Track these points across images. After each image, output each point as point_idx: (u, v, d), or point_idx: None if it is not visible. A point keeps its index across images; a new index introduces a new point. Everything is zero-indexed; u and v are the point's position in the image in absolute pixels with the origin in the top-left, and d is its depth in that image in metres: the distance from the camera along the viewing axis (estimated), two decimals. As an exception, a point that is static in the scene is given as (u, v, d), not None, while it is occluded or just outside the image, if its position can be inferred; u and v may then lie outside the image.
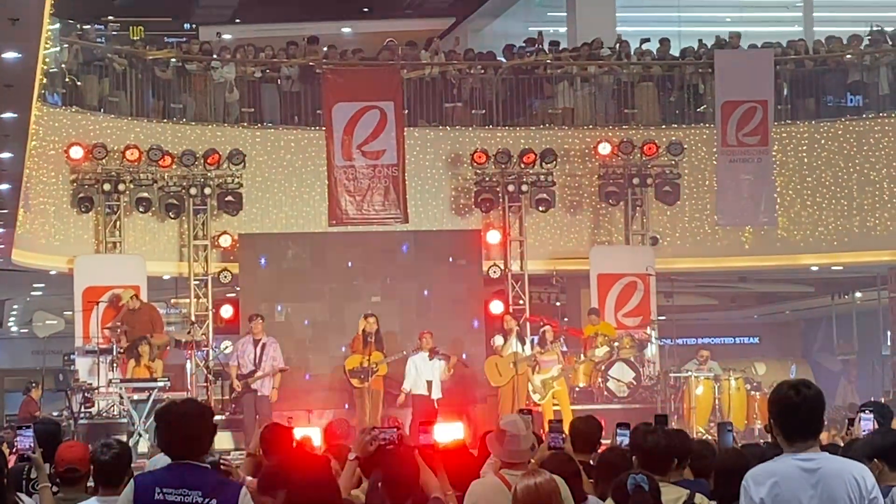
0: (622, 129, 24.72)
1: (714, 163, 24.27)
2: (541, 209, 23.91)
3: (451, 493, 7.52)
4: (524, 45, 26.34)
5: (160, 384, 20.01)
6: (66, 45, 23.32)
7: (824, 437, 15.41)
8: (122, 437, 17.59)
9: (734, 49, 25.40)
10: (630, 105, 25.19)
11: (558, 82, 25.32)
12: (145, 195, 22.89)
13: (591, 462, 8.64)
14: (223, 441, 19.98)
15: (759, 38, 26.73)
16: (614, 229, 24.59)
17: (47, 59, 19.68)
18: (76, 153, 22.33)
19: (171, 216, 23.16)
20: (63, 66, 23.16)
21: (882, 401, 17.65)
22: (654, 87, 25.44)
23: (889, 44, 25.60)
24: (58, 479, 7.66)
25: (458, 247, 23.31)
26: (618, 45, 25.85)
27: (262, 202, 23.92)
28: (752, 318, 36.07)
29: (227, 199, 23.12)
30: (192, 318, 22.77)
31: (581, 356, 22.37)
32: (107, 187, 22.60)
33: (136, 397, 19.98)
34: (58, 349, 25.20)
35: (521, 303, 23.62)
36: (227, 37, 30.13)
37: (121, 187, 22.68)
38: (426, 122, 24.83)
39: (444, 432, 14.19)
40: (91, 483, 7.61)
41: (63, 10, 20.94)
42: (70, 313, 23.56)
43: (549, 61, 25.50)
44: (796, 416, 5.82)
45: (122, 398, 20.12)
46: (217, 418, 8.73)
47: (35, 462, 7.65)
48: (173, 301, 23.45)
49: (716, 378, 21.64)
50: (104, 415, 20.49)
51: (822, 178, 24.82)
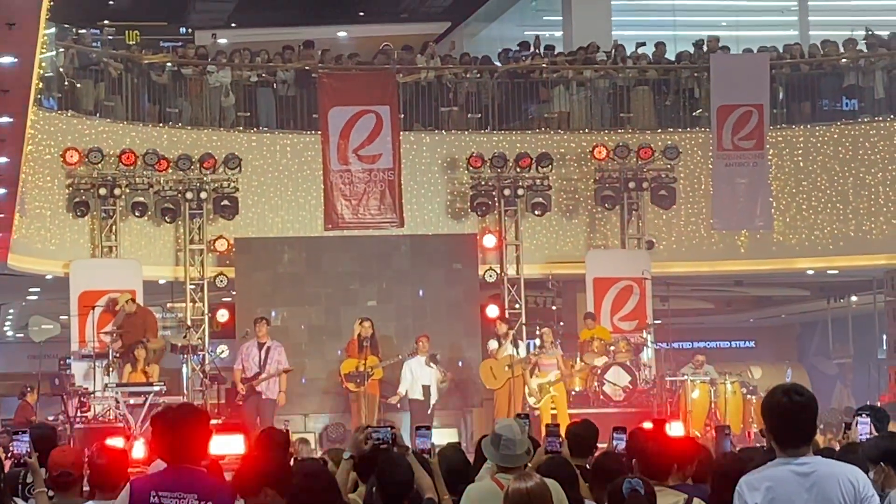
0: (618, 133, 24.73)
1: (710, 167, 24.28)
2: (537, 213, 23.91)
3: (448, 497, 7.52)
4: (518, 48, 26.36)
5: (156, 388, 19.97)
6: (62, 50, 23.32)
7: (820, 441, 15.47)
8: (118, 442, 17.63)
9: (714, 52, 25.44)
10: (626, 109, 25.20)
11: (554, 86, 25.32)
12: (141, 199, 22.89)
13: (588, 466, 8.64)
14: (219, 445, 19.91)
15: (755, 43, 26.77)
16: (610, 233, 24.58)
17: (43, 64, 19.68)
18: (72, 157, 22.28)
19: (167, 220, 23.15)
20: (59, 70, 23.16)
21: (878, 404, 17.68)
22: (650, 91, 25.46)
23: (885, 48, 25.62)
24: (51, 484, 7.65)
25: (454, 251, 23.31)
26: (613, 50, 25.87)
27: (258, 206, 23.92)
28: (747, 322, 36.08)
29: (223, 203, 23.12)
30: (188, 323, 22.76)
31: (577, 360, 22.37)
32: (102, 192, 22.59)
33: (131, 402, 19.97)
34: (54, 354, 25.10)
35: (517, 307, 23.61)
36: (222, 41, 30.09)
37: (117, 192, 22.66)
38: (422, 127, 24.83)
39: (440, 437, 14.21)
40: (87, 488, 7.61)
41: (59, 15, 20.91)
42: (66, 318, 23.53)
43: (544, 65, 25.51)
44: (789, 421, 5.83)
45: (117, 403, 20.10)
46: (213, 422, 8.71)
47: (31, 467, 7.64)
48: (169, 305, 23.43)
49: (712, 382, 21.64)
50: (100, 419, 20.45)
51: (817, 181, 24.83)
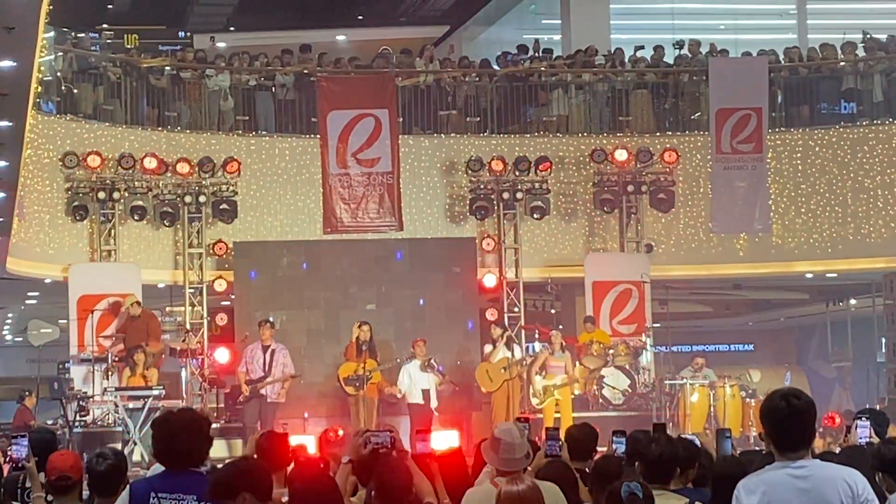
0: (616, 136, 24.73)
1: (708, 170, 24.27)
2: (536, 217, 23.91)
3: (447, 501, 7.51)
4: (517, 52, 26.35)
5: (155, 392, 19.96)
6: (61, 54, 23.31)
7: (820, 445, 15.45)
8: (117, 446, 17.61)
9: (695, 56, 25.47)
10: (624, 112, 25.21)
11: (553, 90, 25.33)
12: (140, 203, 22.88)
13: (587, 470, 8.64)
14: (218, 449, 19.94)
15: (754, 46, 26.77)
16: (609, 237, 24.58)
17: (42, 68, 19.68)
18: (71, 161, 22.36)
19: (166, 224, 23.15)
20: (58, 74, 23.15)
21: (877, 408, 17.66)
22: (649, 95, 25.46)
23: (883, 52, 25.62)
24: (50, 488, 7.65)
25: (453, 254, 23.30)
26: (612, 53, 25.89)
27: (257, 210, 23.92)
28: (746, 326, 36.09)
29: (221, 207, 23.12)
30: (187, 327, 22.75)
31: (576, 364, 22.36)
32: (101, 195, 22.57)
33: (131, 406, 19.95)
34: (52, 358, 25.11)
35: (515, 310, 23.58)
36: (221, 44, 30.11)
37: (115, 195, 22.66)
38: (421, 130, 24.83)
39: (441, 440, 14.18)
40: (86, 492, 7.60)
41: (58, 19, 20.92)
42: (65, 322, 23.53)
43: (543, 69, 25.51)
44: (787, 426, 5.82)
45: (117, 407, 20.09)
46: (213, 426, 8.68)
47: (29, 471, 7.63)
48: (168, 309, 23.39)
49: (711, 385, 21.65)
50: (99, 423, 20.44)
51: (816, 185, 24.83)
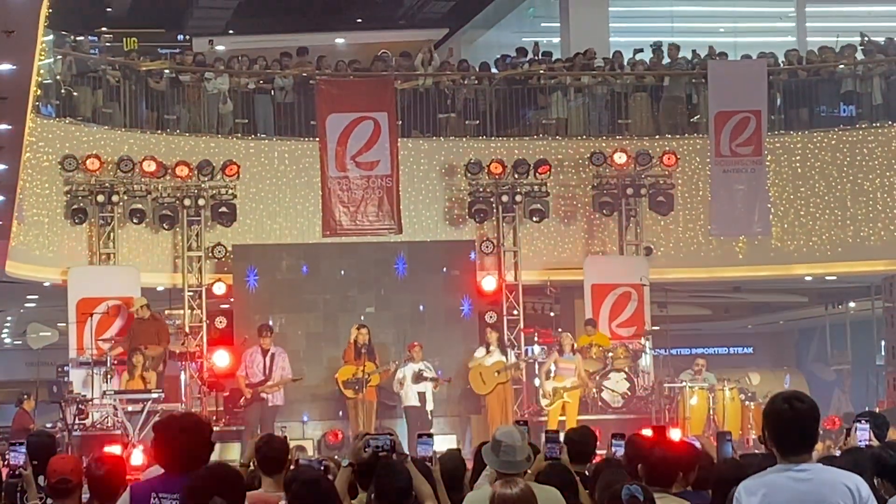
0: (616, 139, 24.73)
1: (708, 173, 24.28)
2: (535, 219, 23.90)
3: (447, 504, 7.51)
4: (516, 55, 26.34)
5: (154, 396, 19.97)
6: (60, 57, 23.32)
7: (819, 448, 15.44)
8: (116, 449, 17.61)
9: (676, 60, 25.49)
10: (623, 115, 25.21)
11: (552, 93, 25.33)
12: (139, 206, 22.88)
13: (587, 473, 8.63)
14: (218, 452, 19.92)
15: (753, 49, 26.77)
16: (608, 239, 24.59)
17: (41, 71, 19.66)
18: (70, 164, 22.38)
19: (165, 227, 23.15)
20: (57, 77, 23.16)
21: (877, 410, 17.66)
22: (648, 98, 25.46)
23: (882, 55, 25.63)
24: (50, 491, 7.64)
25: (452, 257, 23.29)
26: (611, 56, 25.89)
27: (256, 213, 23.91)
28: (745, 328, 36.10)
29: (220, 210, 23.12)
30: (187, 330, 22.75)
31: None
32: (100, 199, 22.58)
33: (130, 409, 19.95)
34: (52, 361, 25.15)
35: (515, 313, 23.58)
36: (220, 48, 30.08)
37: (114, 198, 22.67)
38: (420, 133, 24.83)
39: (440, 443, 14.20)
40: (86, 495, 7.60)
41: (57, 22, 20.89)
42: (64, 325, 23.52)
43: (542, 72, 25.51)
44: (790, 429, 5.80)
45: (116, 410, 20.08)
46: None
47: (25, 478, 7.62)
48: (167, 312, 23.39)
49: (710, 388, 21.65)
50: (98, 426, 20.45)
51: (815, 188, 24.83)
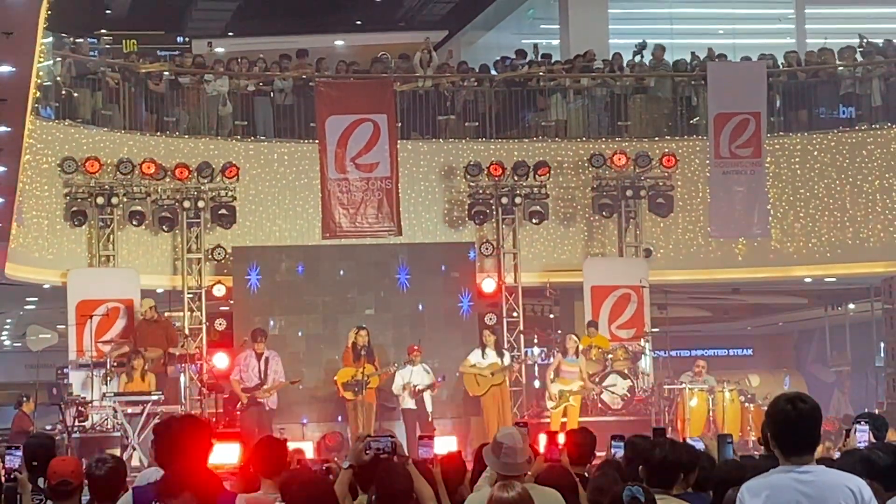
0: (615, 140, 24.73)
1: (707, 175, 24.28)
2: (534, 221, 23.89)
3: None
4: (515, 57, 26.34)
5: (154, 398, 19.95)
6: (60, 59, 23.31)
7: (819, 451, 15.42)
8: (116, 451, 17.61)
9: (661, 61, 25.50)
10: (623, 117, 25.21)
11: (551, 94, 25.33)
12: (139, 208, 22.87)
13: (586, 474, 8.64)
14: (218, 455, 19.91)
15: (752, 51, 26.77)
16: (608, 241, 24.58)
17: (41, 73, 19.66)
18: (69, 167, 22.38)
19: (165, 229, 23.14)
20: (56, 79, 23.15)
21: (876, 412, 17.65)
22: (647, 99, 25.45)
23: (881, 56, 25.63)
24: (51, 493, 7.65)
25: (451, 259, 23.28)
26: (611, 58, 25.90)
27: (256, 215, 23.91)
28: (745, 330, 36.11)
29: (220, 212, 23.10)
30: (186, 332, 22.73)
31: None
32: (100, 201, 22.57)
33: (129, 411, 19.94)
34: (51, 363, 25.11)
35: (514, 315, 23.58)
36: (219, 49, 30.09)
37: (114, 201, 22.66)
38: (419, 135, 24.83)
39: (439, 445, 14.18)
40: (87, 497, 7.61)
41: (56, 24, 20.89)
42: (63, 327, 23.52)
43: (541, 73, 25.51)
44: (793, 429, 5.80)
45: (115, 412, 20.07)
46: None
47: (20, 482, 7.62)
48: (167, 314, 23.39)
49: (710, 390, 21.64)
50: (98, 429, 20.43)
51: (815, 189, 24.83)
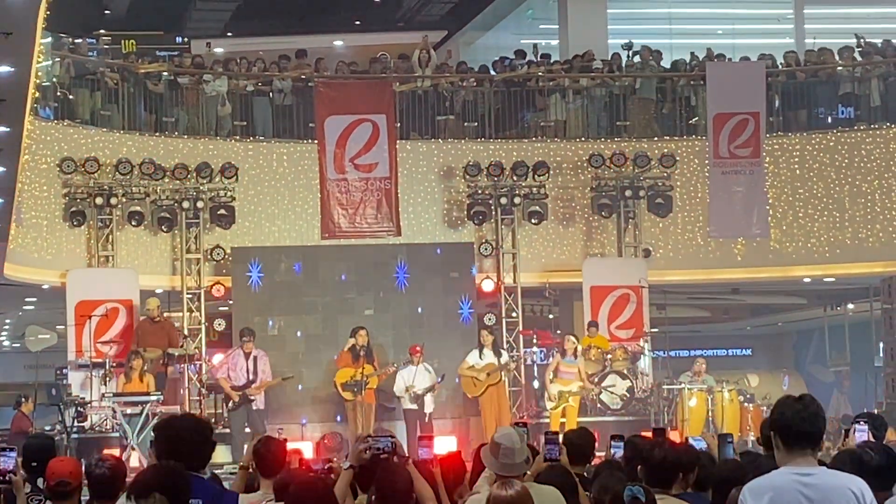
0: (614, 141, 24.73)
1: (706, 175, 24.28)
2: (533, 221, 23.89)
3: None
4: (515, 57, 26.33)
5: (153, 398, 19.95)
6: (58, 59, 23.30)
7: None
8: (115, 452, 17.61)
9: (646, 62, 25.54)
10: (622, 117, 25.21)
11: (550, 95, 25.33)
12: (138, 209, 22.87)
13: (586, 474, 8.63)
14: (217, 454, 19.90)
15: (751, 51, 26.76)
16: (607, 241, 24.58)
17: (39, 73, 19.67)
18: (68, 167, 22.37)
19: (164, 230, 23.14)
20: (55, 79, 23.14)
21: (875, 412, 17.66)
22: (655, 100, 25.46)
23: (880, 56, 25.62)
24: (49, 494, 7.64)
25: (450, 260, 23.27)
26: (610, 58, 25.91)
27: (255, 215, 23.91)
28: (744, 330, 36.12)
29: (219, 212, 23.10)
30: (185, 332, 22.73)
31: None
32: (99, 201, 22.57)
33: (128, 411, 19.93)
34: (50, 363, 25.14)
35: (514, 315, 23.58)
36: (218, 50, 30.07)
37: (113, 201, 22.66)
38: (418, 135, 24.82)
39: (438, 445, 14.19)
40: (86, 497, 7.60)
41: (55, 24, 20.89)
42: (62, 327, 23.52)
43: (540, 74, 25.50)
44: (796, 431, 5.80)
45: (114, 412, 20.07)
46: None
47: (14, 484, 7.61)
48: (167, 315, 23.39)
49: (709, 390, 21.64)
50: (97, 429, 20.43)
51: (814, 189, 24.83)
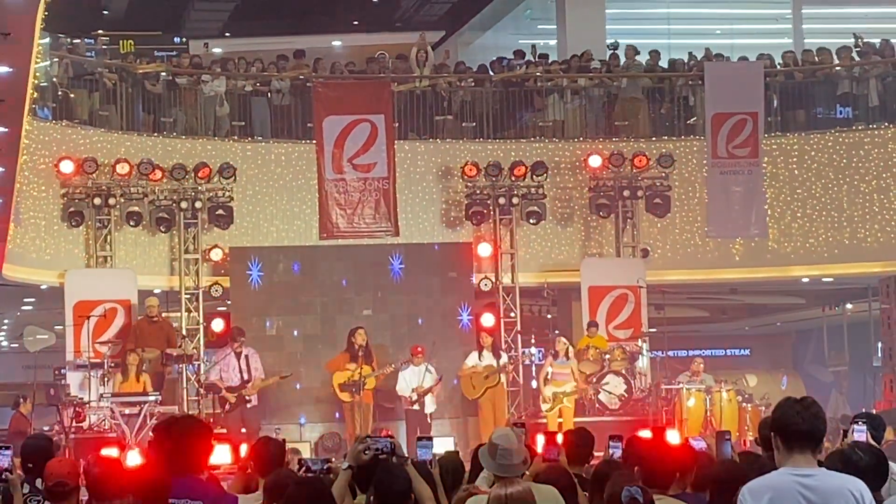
0: (612, 141, 24.73)
1: (704, 175, 24.26)
2: (531, 222, 23.87)
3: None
4: (513, 57, 26.33)
5: (151, 398, 19.97)
6: (57, 59, 23.29)
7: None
8: (114, 452, 17.58)
9: (632, 61, 25.55)
10: (620, 117, 25.20)
11: (548, 95, 25.32)
12: (136, 209, 22.85)
13: (585, 475, 8.63)
14: (216, 455, 19.89)
15: (750, 51, 26.76)
16: (605, 241, 24.57)
17: (38, 74, 19.65)
18: (66, 167, 22.33)
19: (162, 230, 23.12)
20: (53, 80, 23.14)
21: (874, 412, 17.66)
22: (645, 100, 25.45)
23: (878, 56, 25.63)
24: (47, 495, 7.64)
25: (449, 260, 23.27)
26: (608, 58, 25.90)
27: (253, 216, 23.89)
28: (743, 330, 36.09)
29: (217, 212, 23.07)
30: (184, 332, 22.72)
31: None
32: (97, 201, 22.56)
33: (127, 411, 19.94)
34: (49, 363, 25.10)
35: (512, 315, 23.57)
36: (216, 50, 30.08)
37: (111, 201, 22.65)
38: (417, 135, 24.80)
39: (437, 445, 14.19)
40: (85, 496, 7.60)
41: (53, 24, 20.88)
42: (61, 328, 23.51)
43: (538, 74, 25.50)
44: (797, 431, 5.80)
45: (113, 412, 20.07)
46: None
47: (11, 482, 7.62)
48: (165, 315, 23.38)
49: (707, 390, 21.64)
50: (95, 429, 20.42)
51: (812, 189, 24.83)
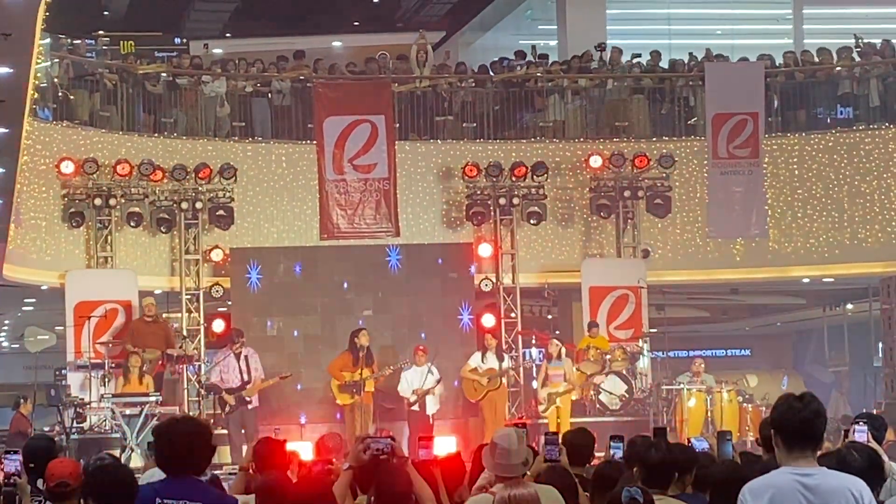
0: (613, 141, 24.73)
1: (705, 175, 24.27)
2: (532, 222, 23.87)
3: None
4: (514, 58, 26.33)
5: (152, 399, 19.97)
6: (57, 60, 23.30)
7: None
8: (115, 452, 17.60)
9: (618, 63, 25.55)
10: (621, 118, 25.19)
11: (549, 95, 25.32)
12: (136, 210, 22.84)
13: (585, 475, 8.63)
14: (216, 455, 19.90)
15: (750, 51, 26.76)
16: (606, 242, 24.57)
17: (38, 74, 19.67)
18: (67, 168, 22.33)
19: (163, 231, 23.12)
20: (54, 80, 23.14)
21: (874, 412, 17.66)
22: (645, 100, 25.45)
23: (879, 56, 25.63)
24: (49, 495, 7.64)
25: (449, 260, 23.27)
26: (608, 59, 25.90)
27: (254, 216, 23.89)
28: (743, 330, 36.10)
29: (218, 213, 23.07)
30: (184, 333, 22.73)
31: (574, 369, 22.36)
32: (98, 202, 22.55)
33: (127, 412, 19.95)
34: (49, 364, 25.13)
35: (512, 316, 23.56)
36: (217, 51, 30.07)
37: (112, 202, 22.65)
38: (417, 136, 24.80)
39: (439, 446, 14.19)
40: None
41: (54, 25, 20.89)
42: (61, 328, 23.51)
43: (539, 74, 25.50)
44: (798, 430, 5.80)
45: (114, 413, 20.07)
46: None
47: (19, 486, 7.62)
48: (165, 316, 23.38)
49: (708, 390, 21.65)
50: (96, 430, 20.43)
51: (812, 190, 24.83)
